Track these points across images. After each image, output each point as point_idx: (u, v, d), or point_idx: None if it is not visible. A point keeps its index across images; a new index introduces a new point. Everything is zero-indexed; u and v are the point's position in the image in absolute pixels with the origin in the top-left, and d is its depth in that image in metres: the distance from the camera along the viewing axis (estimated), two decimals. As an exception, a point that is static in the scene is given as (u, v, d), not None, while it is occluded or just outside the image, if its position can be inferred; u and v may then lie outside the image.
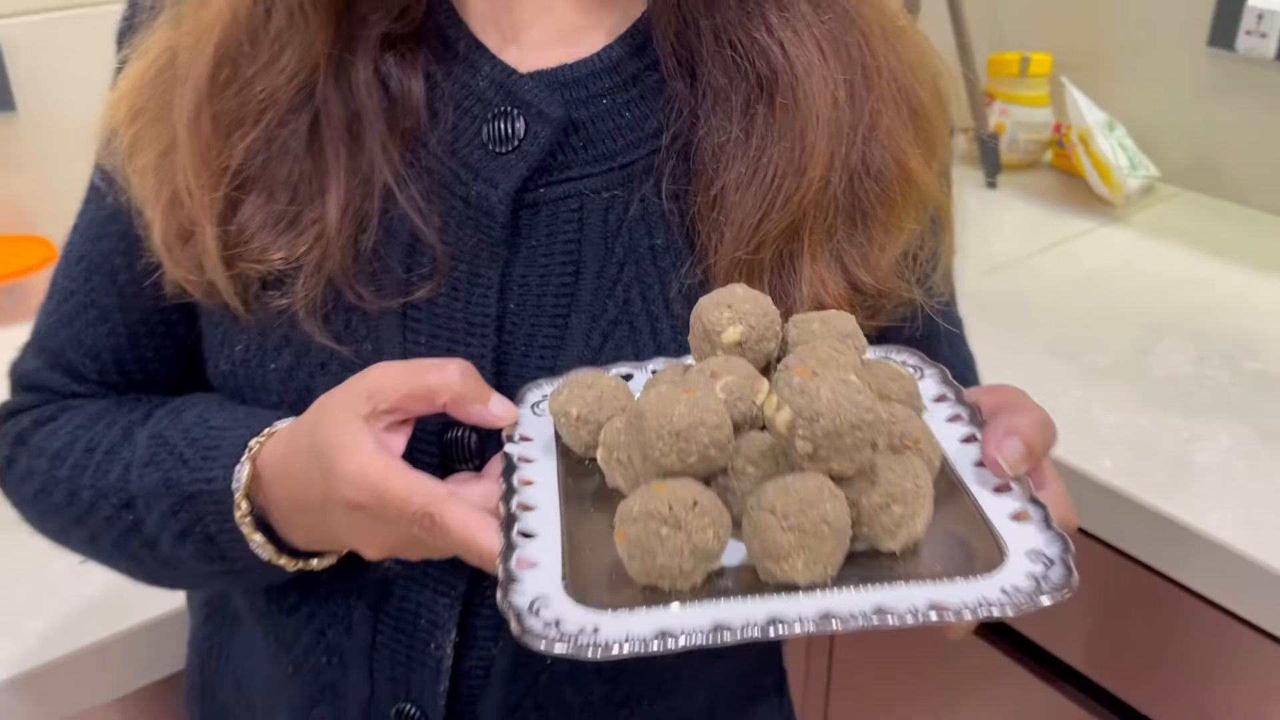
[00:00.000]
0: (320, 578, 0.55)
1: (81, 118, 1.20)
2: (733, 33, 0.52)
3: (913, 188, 0.54)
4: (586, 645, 0.37)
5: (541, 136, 0.52)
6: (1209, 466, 0.91)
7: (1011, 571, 0.40)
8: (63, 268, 0.61)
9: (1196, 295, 1.19)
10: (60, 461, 0.57)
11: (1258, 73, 1.35)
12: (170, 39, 0.53)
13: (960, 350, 0.65)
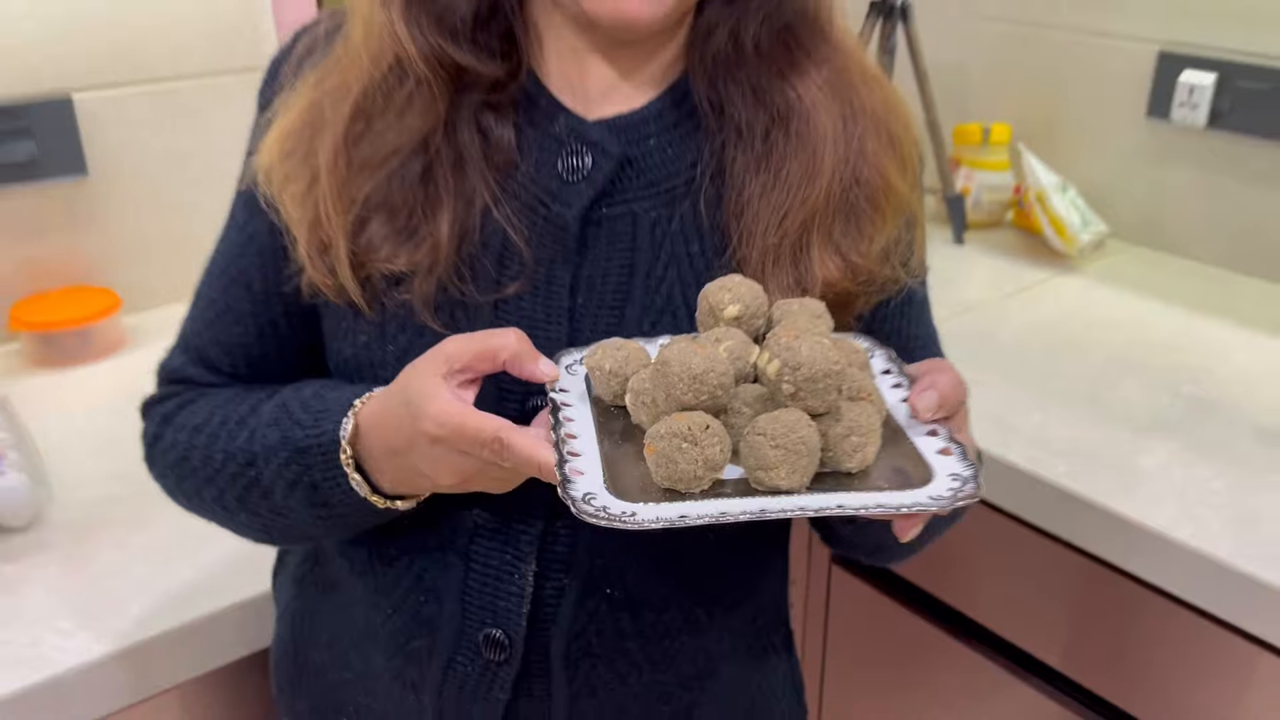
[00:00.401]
0: (418, 531, 0.67)
1: (145, 181, 1.35)
2: (754, 83, 0.66)
3: (892, 195, 0.68)
4: (629, 521, 0.50)
5: (604, 169, 0.66)
6: (1151, 473, 1.05)
7: (936, 486, 0.53)
8: (205, 282, 0.74)
9: (1141, 333, 1.34)
10: (198, 432, 0.69)
11: (1191, 140, 1.51)
12: (314, 96, 0.66)
13: (929, 319, 0.78)
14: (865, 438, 0.54)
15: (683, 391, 0.54)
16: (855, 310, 0.69)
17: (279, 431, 0.65)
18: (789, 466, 0.52)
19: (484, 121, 0.65)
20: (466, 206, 0.64)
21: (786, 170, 0.65)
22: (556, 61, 0.68)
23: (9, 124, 1.24)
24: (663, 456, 0.52)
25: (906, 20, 1.55)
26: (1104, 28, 1.57)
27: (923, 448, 0.56)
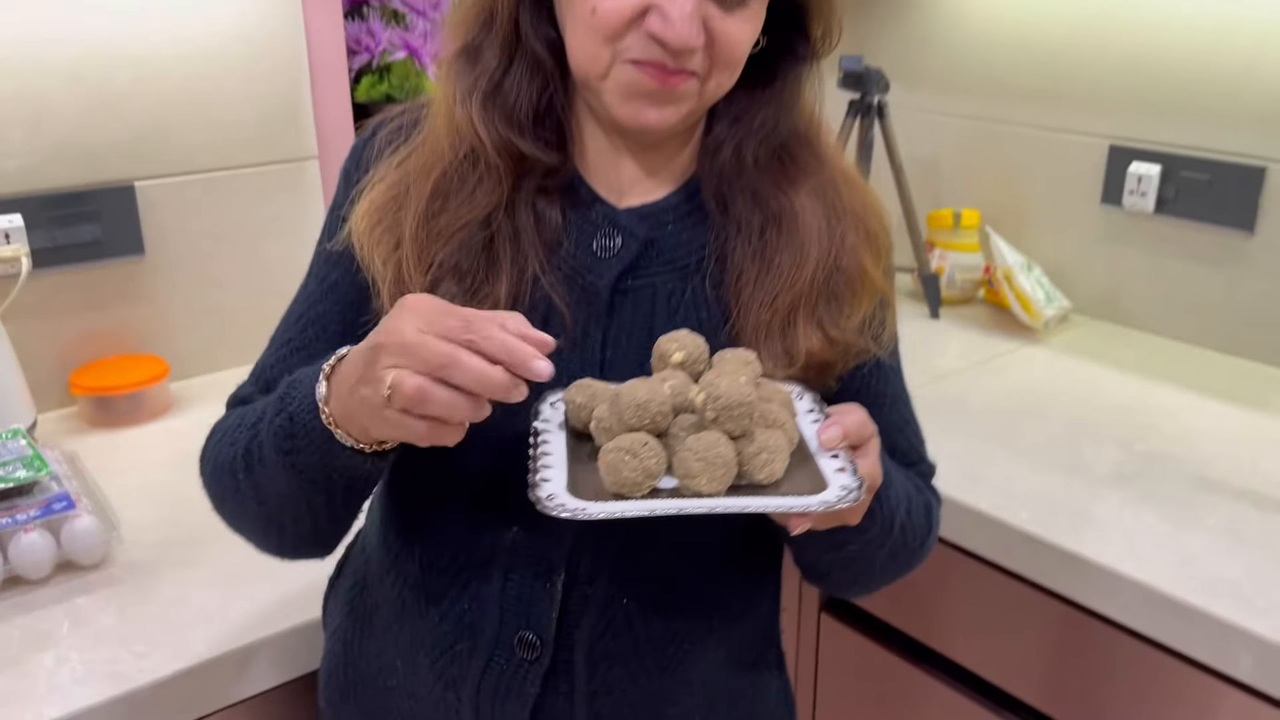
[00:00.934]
0: (464, 549, 0.79)
1: (193, 261, 1.49)
2: (753, 189, 0.80)
3: (867, 280, 0.81)
4: (579, 514, 0.64)
5: (632, 248, 0.80)
6: (1103, 518, 1.17)
7: (827, 494, 0.66)
8: (283, 326, 0.86)
9: (1099, 398, 1.47)
10: (224, 433, 0.80)
11: (1141, 224, 1.67)
12: (399, 175, 0.80)
13: (899, 381, 0.90)
14: (773, 455, 0.68)
15: (629, 416, 0.68)
16: (833, 374, 0.82)
17: (281, 388, 0.75)
18: (709, 475, 0.66)
19: (538, 205, 0.79)
20: (520, 274, 0.78)
21: (778, 260, 0.79)
22: (594, 158, 0.82)
23: (78, 208, 1.38)
24: (610, 466, 0.67)
25: (883, 117, 1.72)
26: (1060, 124, 1.74)
27: (824, 467, 0.69)
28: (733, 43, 0.74)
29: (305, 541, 0.82)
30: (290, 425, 0.71)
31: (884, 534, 0.79)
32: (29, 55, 1.32)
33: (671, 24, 0.70)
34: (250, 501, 0.78)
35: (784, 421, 0.70)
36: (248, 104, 1.50)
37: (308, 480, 0.73)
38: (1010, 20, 1.77)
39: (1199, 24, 1.54)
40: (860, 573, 0.85)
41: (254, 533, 0.82)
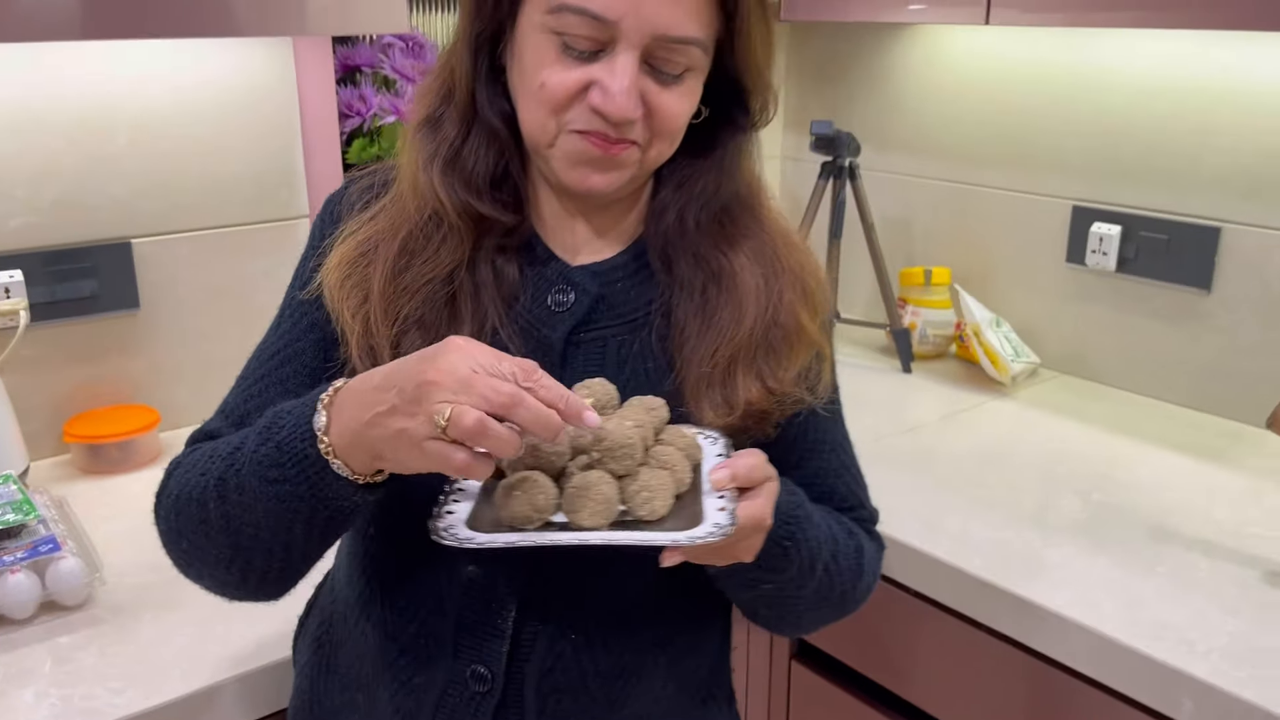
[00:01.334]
0: (422, 586, 0.83)
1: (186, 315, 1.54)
2: (695, 250, 0.85)
3: (804, 334, 0.86)
4: (467, 543, 0.70)
5: (584, 303, 0.85)
6: (1055, 564, 1.21)
7: (700, 530, 0.71)
8: (254, 364, 0.90)
9: (1061, 450, 1.52)
10: (191, 466, 0.81)
11: (1104, 282, 1.72)
12: (369, 233, 0.85)
13: (837, 428, 0.95)
14: (654, 494, 0.73)
15: (527, 456, 0.74)
16: (771, 422, 0.86)
17: (267, 418, 0.76)
18: (589, 511, 0.72)
19: (497, 262, 0.85)
20: (480, 327, 0.83)
21: (718, 317, 0.84)
22: (550, 219, 0.88)
23: (76, 264, 1.44)
24: (503, 502, 0.73)
25: (854, 179, 1.79)
26: (1026, 186, 1.80)
27: (707, 506, 0.74)
28: (669, 115, 0.80)
29: (267, 579, 0.82)
30: (278, 454, 0.73)
31: (804, 575, 0.83)
32: (32, 117, 1.39)
33: (611, 98, 0.76)
34: (218, 533, 0.78)
35: (675, 464, 0.75)
36: (242, 165, 1.56)
37: (290, 510, 0.74)
38: (978, 88, 1.84)
39: (1156, 90, 1.61)
40: (788, 611, 0.88)
41: (215, 566, 0.81)
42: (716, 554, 0.76)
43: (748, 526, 0.73)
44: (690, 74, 0.80)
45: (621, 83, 0.76)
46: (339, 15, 1.31)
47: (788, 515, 0.80)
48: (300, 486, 0.73)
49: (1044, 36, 1.74)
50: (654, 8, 0.75)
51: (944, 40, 1.88)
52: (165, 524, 0.83)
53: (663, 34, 0.76)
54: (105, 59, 1.43)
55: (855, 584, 0.90)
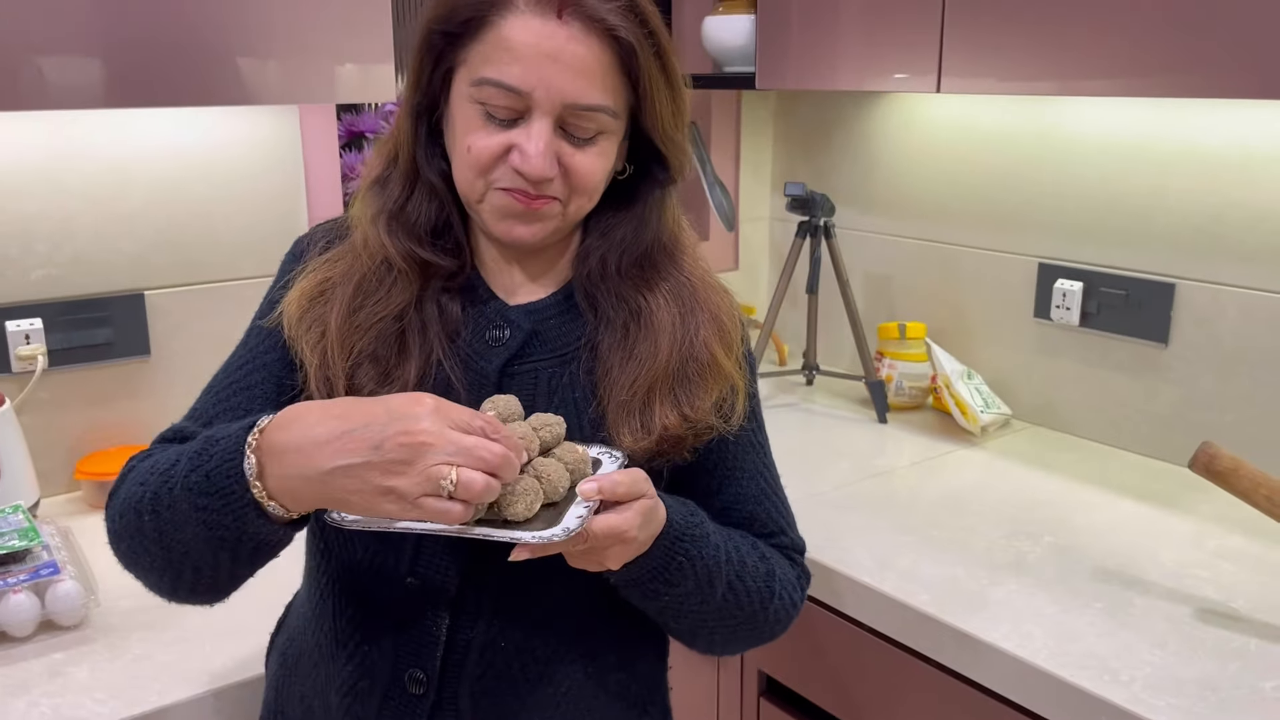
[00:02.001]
0: (368, 597, 0.91)
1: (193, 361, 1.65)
2: (616, 291, 0.94)
3: (718, 368, 0.94)
4: (346, 522, 0.79)
5: (517, 338, 0.94)
6: (997, 600, 1.26)
7: (547, 531, 0.78)
8: (222, 375, 0.97)
9: (1022, 496, 1.57)
10: (139, 472, 0.85)
11: (1069, 336, 1.79)
12: (328, 274, 0.94)
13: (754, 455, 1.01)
14: (518, 498, 0.79)
15: None
16: (686, 448, 0.94)
17: (199, 443, 0.81)
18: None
19: (442, 301, 0.94)
20: (426, 359, 0.92)
21: (638, 350, 0.92)
22: (490, 264, 0.98)
23: (93, 314, 1.56)
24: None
25: (829, 237, 1.87)
26: (995, 244, 1.88)
27: (569, 513, 0.81)
28: (584, 173, 0.89)
29: (199, 591, 0.87)
30: (206, 483, 0.77)
31: (703, 591, 0.90)
32: (54, 178, 1.52)
33: (528, 159, 0.86)
34: (152, 544, 0.83)
35: (551, 475, 0.82)
36: (249, 224, 1.68)
37: (216, 538, 0.79)
38: (949, 151, 1.93)
39: (1112, 152, 1.69)
40: (698, 627, 0.95)
41: (149, 573, 0.87)
42: (582, 559, 0.83)
43: (603, 535, 0.80)
44: (602, 137, 0.89)
45: (537, 146, 0.86)
46: (338, 85, 1.43)
47: (682, 533, 0.88)
48: (226, 518, 0.77)
49: (1008, 103, 1.83)
50: (562, 80, 0.85)
51: (917, 107, 1.98)
52: (110, 524, 0.88)
53: (571, 102, 0.86)
54: (122, 125, 1.55)
55: (765, 606, 0.96)
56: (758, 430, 1.02)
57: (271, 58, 1.37)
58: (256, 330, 0.99)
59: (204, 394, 0.99)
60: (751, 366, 1.01)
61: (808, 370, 2.02)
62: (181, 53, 1.30)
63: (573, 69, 0.85)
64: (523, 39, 0.84)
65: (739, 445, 0.98)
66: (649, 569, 0.87)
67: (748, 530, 0.99)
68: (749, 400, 0.99)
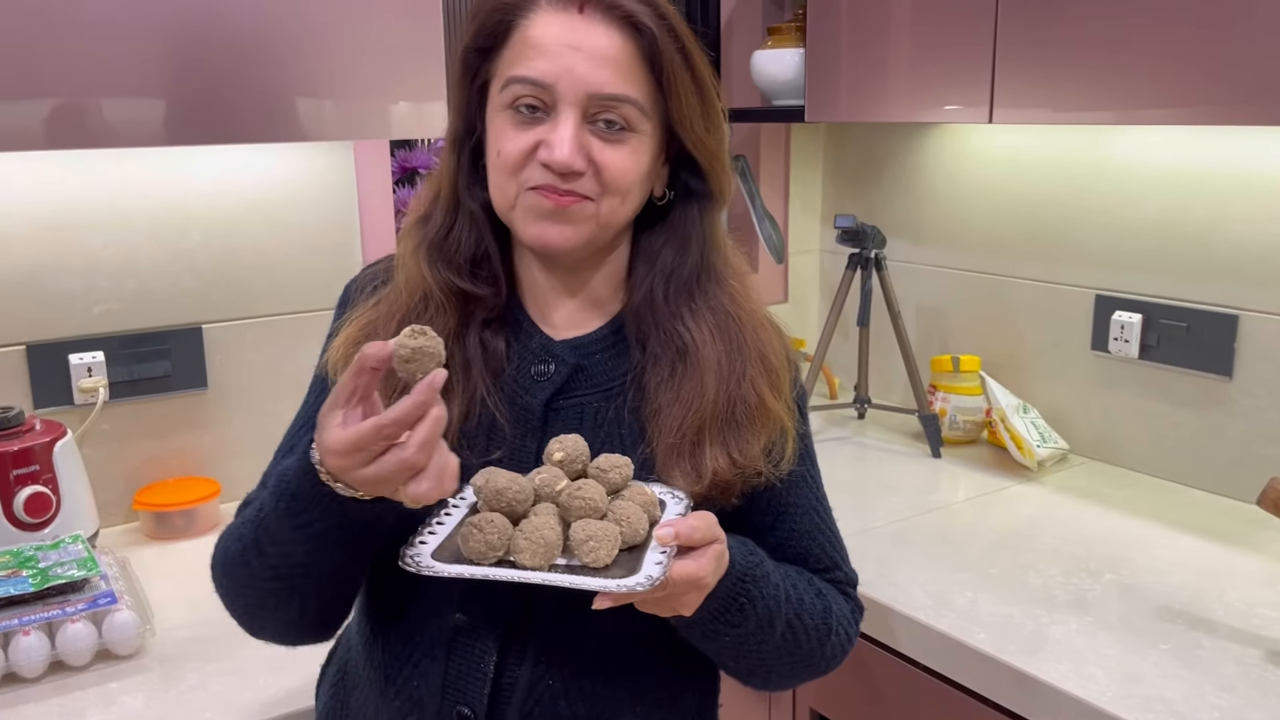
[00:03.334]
0: (416, 631, 0.91)
1: (249, 394, 1.67)
2: (664, 328, 0.93)
3: (767, 413, 0.93)
4: (422, 569, 0.80)
5: (562, 373, 0.94)
6: (1057, 640, 1.23)
7: (630, 579, 0.78)
8: (290, 433, 1.01)
9: (1080, 532, 1.53)
10: (230, 535, 0.92)
11: (1128, 369, 1.75)
12: (371, 316, 0.95)
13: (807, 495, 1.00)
14: (599, 544, 0.80)
15: (490, 499, 0.84)
16: (734, 494, 0.92)
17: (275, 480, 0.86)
18: (531, 551, 0.80)
19: (484, 336, 0.94)
20: (471, 396, 0.92)
21: (684, 390, 0.91)
22: (536, 298, 0.98)
23: (153, 346, 1.59)
24: (461, 537, 0.82)
25: (880, 269, 1.86)
26: (1050, 276, 1.85)
27: (647, 560, 0.81)
28: (614, 170, 0.88)
29: (322, 608, 0.90)
30: (294, 503, 0.81)
31: (763, 630, 0.89)
32: (118, 215, 1.55)
33: (553, 148, 0.86)
34: (269, 581, 0.87)
35: (629, 518, 0.82)
36: (304, 258, 1.71)
37: (326, 541, 0.83)
38: (1002, 181, 1.91)
39: (1169, 180, 1.66)
40: (755, 665, 0.93)
41: (275, 610, 0.89)
42: (655, 605, 0.82)
43: (681, 582, 0.80)
44: (632, 135, 0.89)
45: (562, 134, 0.86)
46: (392, 122, 1.46)
47: (743, 573, 0.87)
48: (324, 518, 0.81)
49: (1059, 133, 1.81)
50: (584, 69, 0.86)
51: (969, 137, 1.96)
52: (221, 589, 0.94)
53: (595, 92, 0.86)
54: (183, 163, 1.59)
55: (823, 643, 0.94)
56: (810, 466, 1.00)
57: (327, 96, 1.39)
58: (315, 385, 1.01)
59: (273, 459, 1.01)
60: (802, 407, 1.00)
61: (859, 404, 2.00)
62: (241, 92, 1.33)
63: (595, 59, 0.86)
64: (545, 34, 0.87)
65: (791, 482, 0.97)
66: (712, 610, 0.86)
67: (802, 566, 0.98)
68: (800, 441, 0.97)
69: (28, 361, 1.52)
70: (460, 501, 0.90)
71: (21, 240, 1.50)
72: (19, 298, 1.51)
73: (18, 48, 1.21)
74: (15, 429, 1.42)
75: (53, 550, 1.32)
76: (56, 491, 1.41)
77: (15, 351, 1.51)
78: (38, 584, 1.23)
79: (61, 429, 1.45)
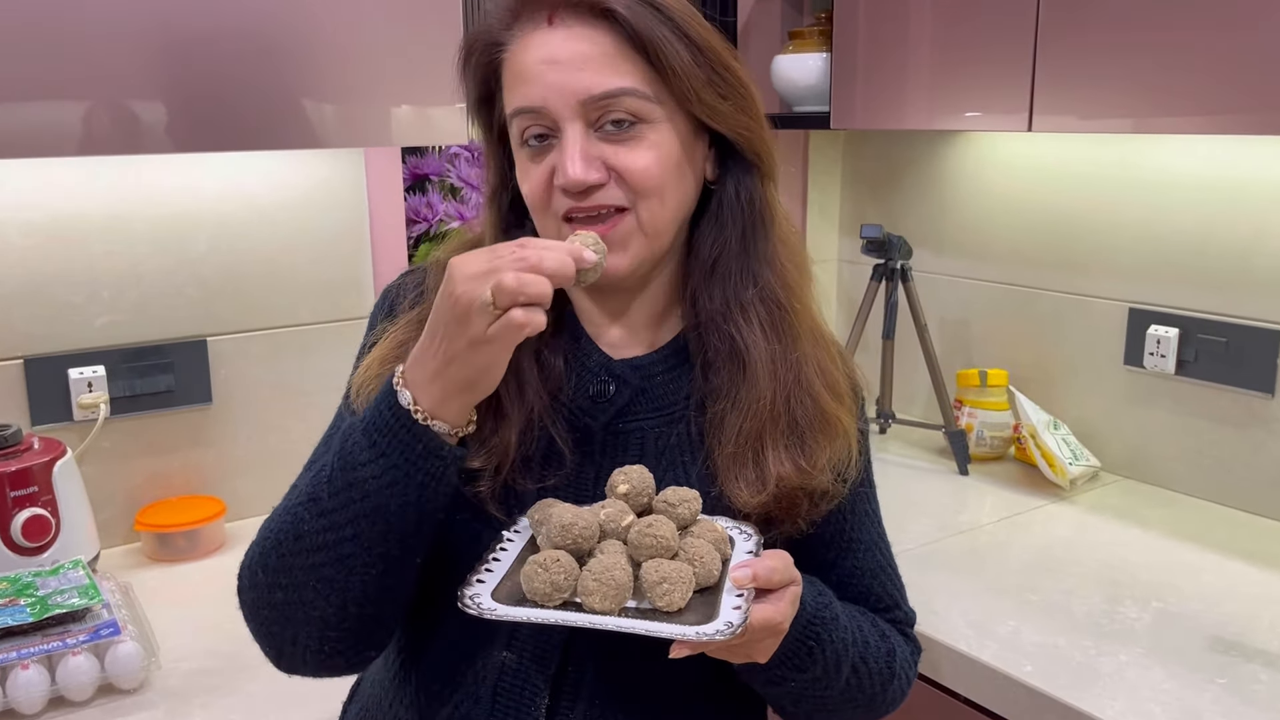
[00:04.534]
0: (457, 669, 0.85)
1: (255, 409, 1.61)
2: (719, 330, 0.87)
3: (828, 419, 0.87)
4: (485, 612, 0.73)
5: (624, 395, 0.88)
6: (1108, 673, 1.17)
7: (709, 626, 0.72)
8: (320, 447, 0.93)
9: (1120, 556, 1.48)
10: (270, 520, 0.85)
11: (1164, 385, 1.70)
12: (405, 335, 0.89)
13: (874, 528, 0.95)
14: (673, 586, 0.74)
15: (555, 535, 0.77)
16: (802, 514, 0.87)
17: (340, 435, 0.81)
18: (601, 595, 0.74)
19: (541, 356, 0.88)
20: (527, 418, 0.86)
21: (741, 394, 0.86)
22: (594, 317, 0.92)
23: (156, 359, 1.52)
24: (525, 577, 0.76)
25: (905, 281, 1.80)
26: (1081, 288, 1.80)
27: (724, 603, 0.75)
28: (638, 169, 0.82)
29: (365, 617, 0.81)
30: (366, 440, 0.77)
31: (829, 676, 0.83)
32: (121, 223, 1.49)
33: (563, 170, 0.81)
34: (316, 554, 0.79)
35: (703, 557, 0.77)
36: (313, 268, 1.65)
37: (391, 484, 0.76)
38: (1029, 190, 1.86)
39: (1207, 191, 1.61)
40: (815, 709, 0.88)
41: (312, 607, 0.80)
42: (729, 651, 0.76)
43: (760, 629, 0.74)
44: (645, 127, 0.83)
45: (568, 152, 0.81)
46: (403, 128, 1.40)
47: (813, 616, 0.81)
48: (400, 456, 0.76)
49: (1089, 141, 1.76)
50: (566, 79, 0.81)
51: (995, 144, 1.91)
52: (253, 588, 0.84)
53: (585, 97, 0.81)
54: (190, 169, 1.53)
55: (885, 687, 0.89)
56: (871, 498, 0.95)
57: (337, 101, 1.34)
58: (340, 410, 0.95)
59: (303, 470, 0.94)
60: (865, 433, 0.95)
61: (882, 418, 1.94)
62: (248, 97, 1.27)
63: (574, 65, 0.81)
64: (526, 59, 0.83)
65: (855, 516, 0.92)
66: (780, 654, 0.80)
67: (862, 604, 0.92)
68: (864, 468, 0.92)
69: (25, 376, 1.45)
70: (515, 535, 0.84)
71: (19, 249, 1.43)
72: (16, 309, 1.44)
73: (20, 51, 1.15)
74: (13, 448, 1.36)
75: (52, 576, 1.26)
76: (56, 514, 1.35)
77: (12, 366, 1.45)
78: (36, 614, 1.17)
79: (61, 448, 1.39)
